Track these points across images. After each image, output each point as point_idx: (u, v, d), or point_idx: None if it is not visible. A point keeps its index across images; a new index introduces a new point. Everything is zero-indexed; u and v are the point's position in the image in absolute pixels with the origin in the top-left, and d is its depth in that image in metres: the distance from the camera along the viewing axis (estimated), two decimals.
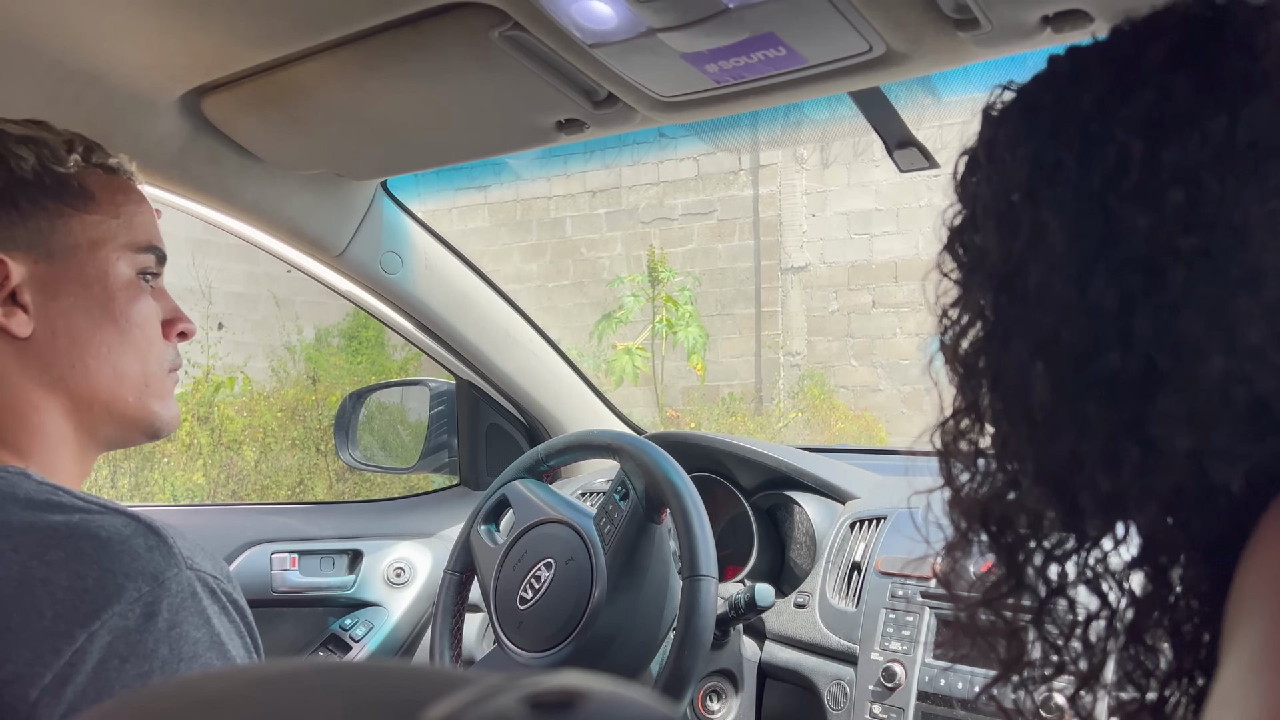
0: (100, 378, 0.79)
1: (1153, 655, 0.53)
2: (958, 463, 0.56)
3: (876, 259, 5.89)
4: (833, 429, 5.80)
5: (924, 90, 1.12)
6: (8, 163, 0.75)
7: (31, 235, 0.76)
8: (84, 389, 0.78)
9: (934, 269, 0.57)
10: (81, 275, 0.78)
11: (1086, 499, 0.50)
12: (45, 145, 0.78)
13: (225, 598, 0.71)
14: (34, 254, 0.76)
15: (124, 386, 0.80)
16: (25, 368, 0.76)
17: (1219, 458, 0.46)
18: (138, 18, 1.01)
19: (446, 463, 1.91)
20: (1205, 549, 0.49)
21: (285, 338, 6.16)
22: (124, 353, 0.80)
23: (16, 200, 0.75)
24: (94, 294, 0.78)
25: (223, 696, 0.25)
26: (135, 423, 0.82)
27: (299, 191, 1.43)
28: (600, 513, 1.27)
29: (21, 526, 0.66)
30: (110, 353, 0.79)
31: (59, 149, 0.78)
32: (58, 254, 0.77)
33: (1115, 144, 0.48)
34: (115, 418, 0.80)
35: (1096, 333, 0.47)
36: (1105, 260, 0.47)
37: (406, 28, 0.99)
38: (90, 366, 0.78)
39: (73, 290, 0.77)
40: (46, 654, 0.62)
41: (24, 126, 0.79)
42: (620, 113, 1.09)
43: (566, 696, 0.22)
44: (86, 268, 0.78)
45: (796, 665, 1.35)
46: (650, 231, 6.53)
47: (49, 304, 0.76)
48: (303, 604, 1.68)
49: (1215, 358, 0.45)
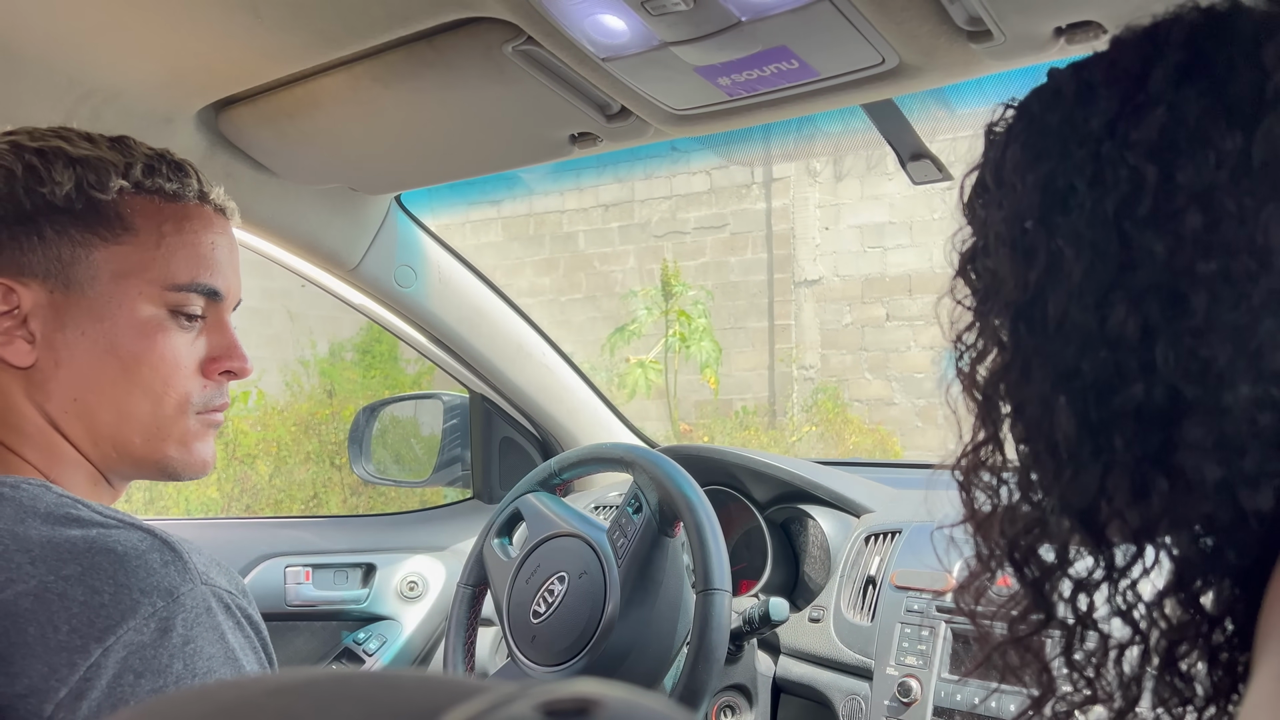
0: (103, 416, 0.76)
1: (1188, 683, 0.52)
2: (980, 493, 0.55)
3: (890, 272, 5.88)
4: (847, 442, 5.78)
5: (937, 102, 1.12)
6: (43, 187, 0.73)
7: (51, 263, 0.73)
8: (88, 425, 0.76)
9: (948, 294, 0.56)
10: (94, 308, 0.74)
11: (1115, 530, 0.49)
12: (93, 168, 0.75)
13: (240, 613, 0.71)
14: (50, 282, 0.73)
15: (129, 427, 0.76)
16: (30, 395, 0.74)
17: (1248, 484, 0.45)
18: (156, 34, 1.02)
19: (460, 476, 1.91)
20: (1238, 572, 0.48)
21: (299, 352, 6.19)
22: (129, 392, 0.76)
23: (42, 228, 0.73)
24: (104, 329, 0.75)
25: (239, 704, 0.25)
26: (146, 464, 0.79)
27: (314, 206, 1.44)
28: (613, 526, 1.27)
29: (39, 540, 0.66)
30: (113, 391, 0.75)
31: (108, 172, 0.75)
32: (75, 284, 0.74)
33: (1128, 168, 0.47)
34: (125, 457, 0.78)
35: (1118, 364, 0.47)
36: (1124, 288, 0.46)
37: (421, 43, 1.00)
38: (91, 403, 0.75)
39: (82, 323, 0.74)
40: (62, 668, 0.62)
41: (93, 144, 0.76)
42: (633, 126, 1.10)
43: (581, 704, 0.22)
44: (103, 301, 0.75)
45: (811, 680, 1.34)
46: (663, 245, 6.54)
47: (55, 334, 0.74)
48: (316, 618, 1.68)
49: (1242, 385, 0.44)
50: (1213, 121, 0.46)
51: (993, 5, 0.81)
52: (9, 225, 0.73)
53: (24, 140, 0.75)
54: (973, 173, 0.56)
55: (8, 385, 0.74)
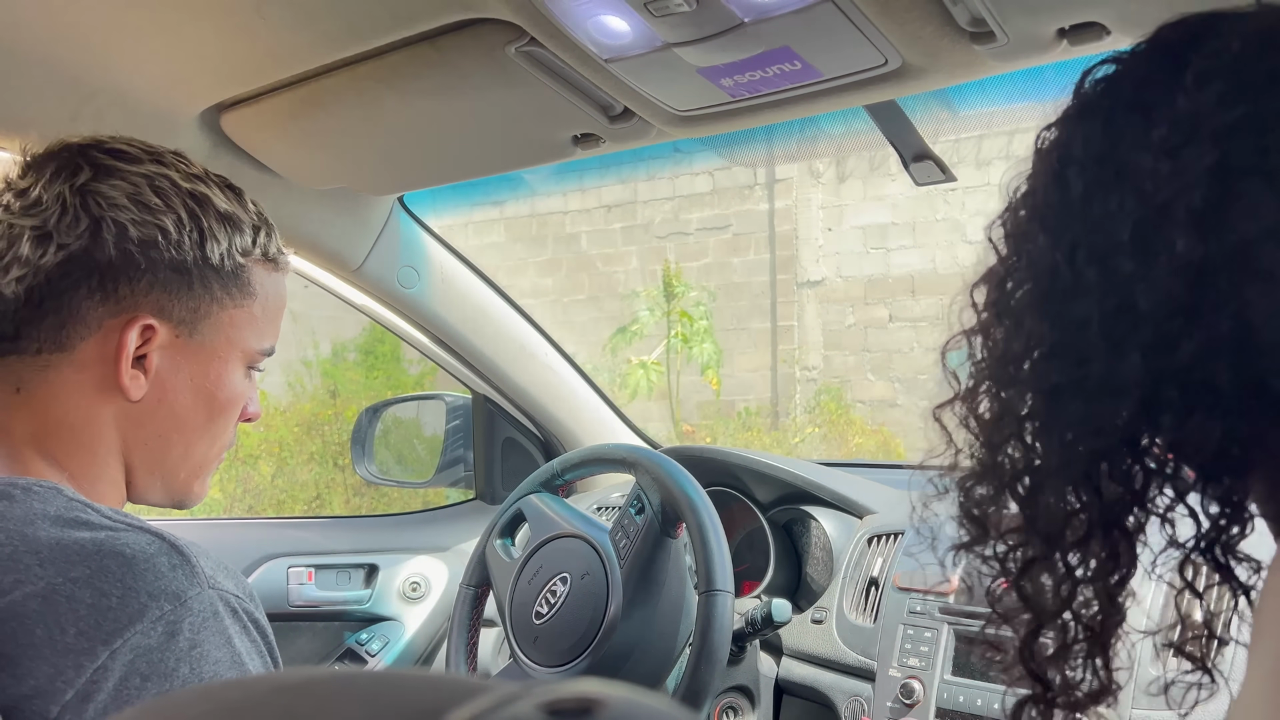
0: (173, 452, 0.81)
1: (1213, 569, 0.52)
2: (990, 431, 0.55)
3: (893, 273, 5.88)
4: (850, 444, 5.77)
5: (940, 104, 1.12)
6: (206, 245, 0.78)
7: (187, 311, 0.78)
8: (157, 458, 0.80)
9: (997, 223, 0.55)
10: (205, 359, 0.80)
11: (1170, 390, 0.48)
12: (240, 229, 0.80)
13: (247, 617, 0.71)
14: (180, 328, 0.78)
15: (187, 465, 0.82)
16: (119, 421, 0.77)
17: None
18: (160, 35, 1.02)
19: (462, 477, 1.91)
20: None
21: (301, 353, 6.19)
22: (202, 437, 0.82)
23: (193, 280, 0.78)
24: (208, 379, 0.80)
25: (243, 703, 0.25)
26: (172, 494, 0.84)
27: (317, 206, 1.44)
28: (616, 527, 1.27)
29: (49, 542, 0.67)
30: (193, 434, 0.81)
31: (248, 234, 0.81)
32: (198, 334, 0.79)
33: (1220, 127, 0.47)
34: (165, 487, 0.82)
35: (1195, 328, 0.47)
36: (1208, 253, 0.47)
37: (424, 44, 1.00)
38: (172, 441, 0.80)
39: (192, 369, 0.79)
40: (69, 671, 0.63)
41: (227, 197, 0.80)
42: (636, 127, 1.10)
43: (584, 704, 0.22)
44: (214, 354, 0.80)
45: (813, 681, 1.34)
46: (665, 246, 6.54)
47: (168, 375, 0.78)
48: (319, 618, 1.68)
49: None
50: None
51: (996, 6, 0.81)
52: (166, 271, 0.76)
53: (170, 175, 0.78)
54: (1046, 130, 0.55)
55: (101, 410, 0.77)
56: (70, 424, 0.76)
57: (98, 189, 0.75)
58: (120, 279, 0.75)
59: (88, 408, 0.76)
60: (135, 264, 0.75)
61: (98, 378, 0.76)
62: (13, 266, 0.73)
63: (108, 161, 0.76)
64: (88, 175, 0.75)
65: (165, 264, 0.76)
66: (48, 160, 0.76)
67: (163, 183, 0.77)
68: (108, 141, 0.78)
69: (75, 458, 0.77)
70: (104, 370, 0.76)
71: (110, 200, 0.75)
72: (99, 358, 0.75)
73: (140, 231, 0.75)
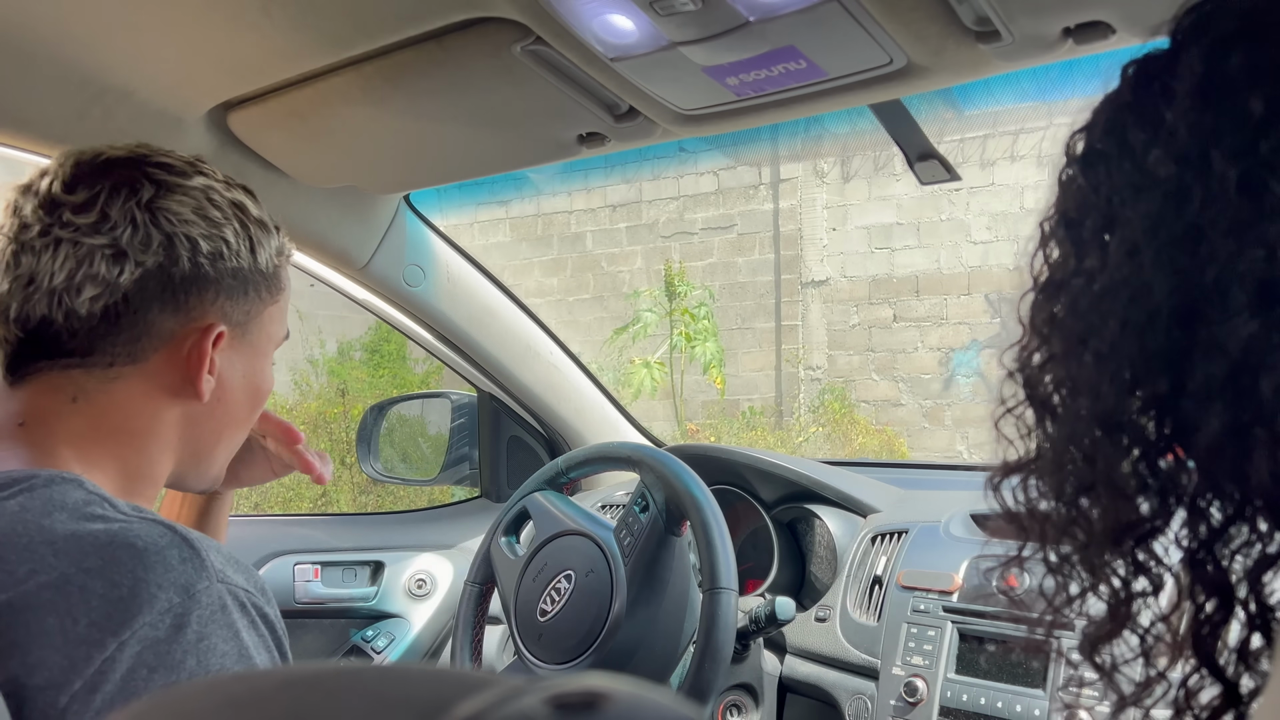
0: (221, 445, 0.85)
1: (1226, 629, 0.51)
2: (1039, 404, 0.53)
3: (898, 273, 5.87)
4: (853, 443, 5.77)
5: (945, 103, 1.12)
6: (256, 252, 0.82)
7: (243, 316, 0.83)
8: (206, 451, 0.84)
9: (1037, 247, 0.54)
10: (252, 356, 0.85)
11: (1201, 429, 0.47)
12: (272, 232, 0.85)
13: (255, 611, 0.72)
14: (235, 329, 0.82)
15: (225, 454, 0.87)
16: (181, 423, 0.81)
17: None
18: (167, 35, 1.03)
19: (468, 475, 1.91)
20: None
21: (308, 351, 6.21)
22: (242, 428, 0.87)
23: (247, 286, 0.82)
24: (254, 374, 0.86)
25: (250, 696, 0.26)
26: (208, 480, 0.88)
27: (323, 205, 1.44)
28: (620, 525, 1.27)
29: (64, 534, 0.68)
30: (239, 426, 0.86)
31: (277, 236, 0.86)
32: (247, 333, 0.84)
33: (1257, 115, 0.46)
34: (201, 474, 0.86)
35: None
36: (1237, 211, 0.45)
37: (430, 43, 1.01)
38: (223, 435, 0.85)
39: (243, 367, 0.84)
40: (79, 661, 0.64)
41: (254, 202, 0.84)
42: (641, 126, 1.10)
43: (589, 698, 0.22)
44: (257, 350, 0.86)
45: (817, 680, 1.34)
46: (670, 246, 6.54)
47: (225, 375, 0.82)
48: (325, 615, 1.69)
49: None
50: None
51: (1001, 5, 0.81)
52: (231, 278, 0.81)
53: (215, 186, 0.81)
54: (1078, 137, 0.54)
55: (167, 414, 0.80)
56: (130, 429, 0.78)
57: (166, 206, 0.77)
58: (192, 291, 0.78)
59: (154, 412, 0.79)
60: (206, 276, 0.79)
61: (168, 384, 0.79)
62: (86, 285, 0.75)
63: (163, 176, 0.78)
64: (151, 192, 0.77)
65: (229, 273, 0.80)
66: (99, 175, 0.77)
67: (216, 196, 0.80)
68: (146, 152, 0.80)
69: (120, 457, 0.78)
70: (173, 377, 0.79)
71: (180, 216, 0.77)
72: (169, 366, 0.79)
73: (209, 245, 0.79)
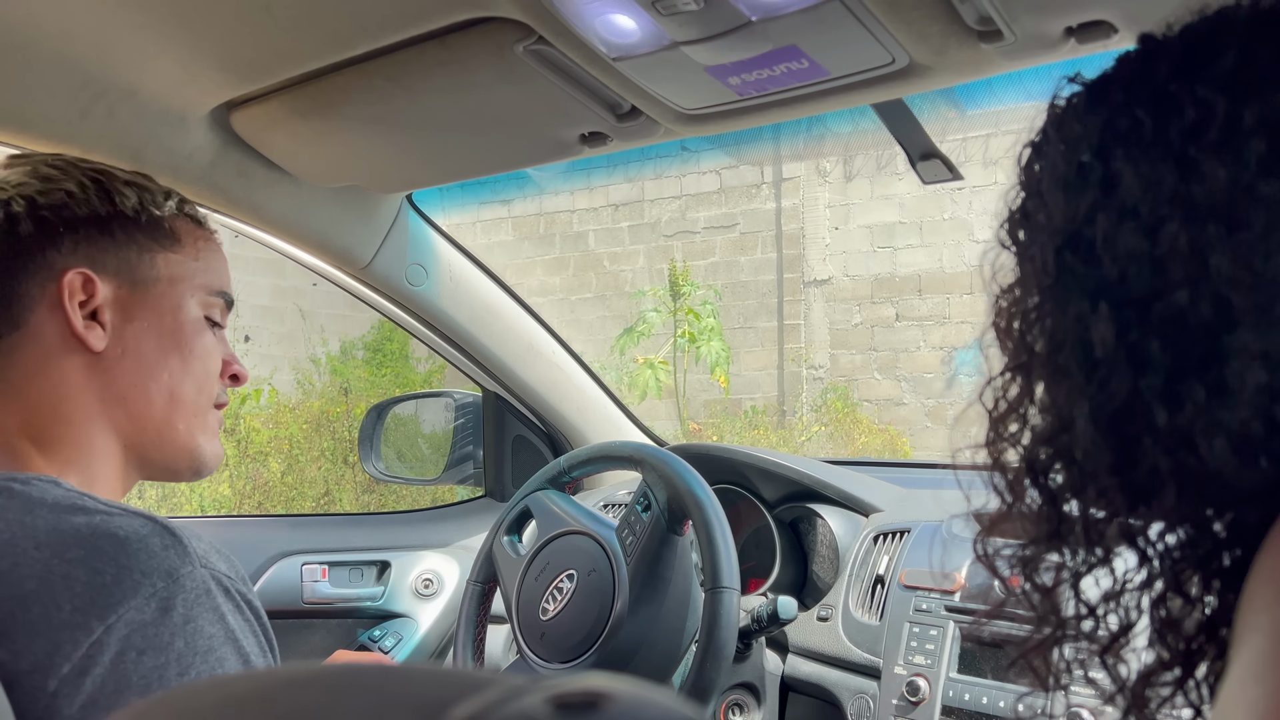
0: (158, 401, 0.84)
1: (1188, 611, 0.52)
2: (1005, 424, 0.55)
3: (900, 272, 5.87)
4: (856, 442, 5.77)
5: (947, 102, 1.12)
6: (114, 198, 0.84)
7: (120, 263, 0.83)
8: (141, 410, 0.84)
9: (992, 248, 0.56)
10: (157, 305, 0.85)
11: (1147, 440, 0.49)
12: (147, 191, 0.87)
13: (239, 597, 0.74)
14: (119, 280, 0.83)
15: (177, 413, 0.86)
16: (90, 380, 0.81)
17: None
18: (170, 34, 1.03)
19: (471, 474, 1.91)
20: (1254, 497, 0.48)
21: (311, 350, 6.21)
22: (183, 380, 0.86)
23: (114, 231, 0.83)
24: (166, 324, 0.85)
25: (253, 695, 0.26)
26: (181, 453, 0.87)
27: (326, 204, 1.44)
28: (622, 524, 1.27)
29: (46, 529, 0.69)
30: (171, 379, 0.85)
31: (158, 195, 0.88)
32: (140, 284, 0.84)
33: (1195, 101, 0.48)
34: (164, 445, 0.86)
35: (1165, 275, 0.47)
36: (1180, 207, 0.47)
37: (432, 42, 1.01)
38: (150, 389, 0.84)
39: (147, 317, 0.84)
40: (65, 646, 0.65)
41: (130, 175, 0.88)
42: (643, 126, 1.10)
43: (591, 697, 0.22)
44: (163, 299, 0.85)
45: (819, 679, 1.34)
46: (673, 245, 6.54)
47: (124, 326, 0.83)
48: (333, 615, 1.69)
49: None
50: None
51: (1003, 5, 0.81)
52: (86, 226, 0.82)
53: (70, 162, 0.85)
54: (1033, 141, 0.56)
55: (71, 372, 0.81)
56: (35, 389, 0.80)
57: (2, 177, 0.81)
58: (46, 247, 0.80)
59: (56, 371, 0.80)
60: (53, 228, 0.80)
61: (55, 338, 0.80)
62: None
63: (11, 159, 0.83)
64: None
65: (82, 220, 0.82)
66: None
67: (58, 161, 0.84)
68: None
69: (67, 444, 0.80)
70: (58, 330, 0.80)
71: (10, 182, 0.81)
72: (50, 321, 0.80)
73: (47, 199, 0.81)
